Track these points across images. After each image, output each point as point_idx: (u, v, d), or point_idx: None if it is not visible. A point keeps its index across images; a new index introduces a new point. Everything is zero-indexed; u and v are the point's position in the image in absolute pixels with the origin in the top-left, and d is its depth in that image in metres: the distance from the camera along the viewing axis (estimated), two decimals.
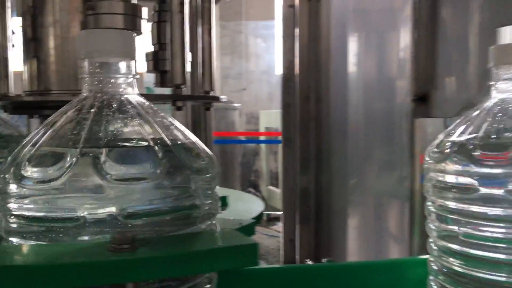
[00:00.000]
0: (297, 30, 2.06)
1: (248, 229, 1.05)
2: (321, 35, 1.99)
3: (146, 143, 0.61)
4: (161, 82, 1.67)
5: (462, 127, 0.75)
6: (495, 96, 0.73)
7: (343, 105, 1.95)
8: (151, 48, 1.66)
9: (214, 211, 0.67)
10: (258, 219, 1.65)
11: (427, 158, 0.79)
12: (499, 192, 0.66)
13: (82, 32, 0.66)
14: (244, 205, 1.87)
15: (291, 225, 2.16)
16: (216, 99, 1.68)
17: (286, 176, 2.21)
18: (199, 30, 1.83)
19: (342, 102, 1.96)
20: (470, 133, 0.73)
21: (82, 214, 0.56)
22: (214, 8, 1.92)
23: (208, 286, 0.67)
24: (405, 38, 1.46)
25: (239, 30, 7.70)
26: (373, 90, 1.73)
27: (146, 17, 1.50)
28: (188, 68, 1.78)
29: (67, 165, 0.56)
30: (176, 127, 0.67)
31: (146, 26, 1.49)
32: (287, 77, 2.16)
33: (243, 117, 7.60)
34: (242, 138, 6.83)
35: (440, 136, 0.75)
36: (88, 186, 0.57)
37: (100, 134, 0.60)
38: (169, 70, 1.46)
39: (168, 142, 0.63)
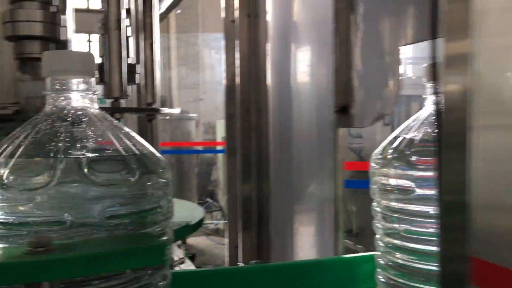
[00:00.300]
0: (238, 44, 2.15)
1: (181, 232, 1.13)
2: (260, 48, 2.09)
3: (119, 153, 0.69)
4: (106, 94, 1.73)
5: (402, 135, 0.84)
6: (429, 107, 0.83)
7: (281, 116, 2.05)
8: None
9: (171, 213, 0.74)
10: (198, 225, 1.73)
11: (372, 164, 0.89)
12: (432, 192, 0.75)
13: (45, 52, 0.72)
14: (186, 213, 1.94)
15: (235, 232, 2.23)
16: (156, 110, 1.75)
17: (230, 185, 2.29)
18: (141, 44, 1.89)
19: (280, 112, 2.06)
20: (407, 141, 0.83)
21: (68, 218, 0.62)
22: (157, 22, 1.99)
23: (163, 282, 0.73)
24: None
25: (195, 42, 7.77)
26: (307, 101, 1.83)
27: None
28: (138, 80, 1.84)
29: (50, 173, 0.62)
30: (135, 138, 0.74)
31: None
32: (230, 88, 2.24)
33: (200, 127, 7.65)
34: (200, 148, 6.88)
35: (384, 143, 0.85)
36: (71, 192, 0.63)
37: (77, 145, 0.67)
38: (108, 83, 1.52)
39: (137, 152, 0.70)
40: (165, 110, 1.76)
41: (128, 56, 1.73)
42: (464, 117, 0.72)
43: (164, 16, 3.36)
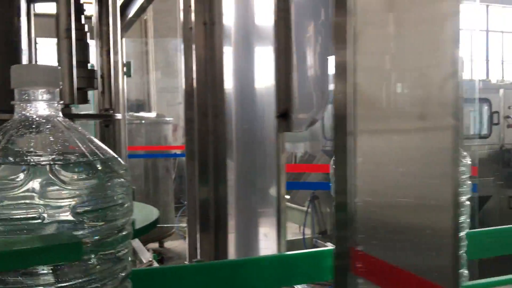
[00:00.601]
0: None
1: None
2: (216, 55, 2.15)
3: (86, 158, 0.78)
4: None
5: None
6: None
7: (243, 119, 2.11)
8: None
9: (131, 209, 0.83)
10: (153, 225, 1.80)
11: (333, 165, 0.97)
12: None
13: (13, 66, 0.80)
14: (143, 214, 2.00)
15: (195, 233, 2.28)
16: (108, 116, 1.79)
17: (190, 188, 2.34)
18: (98, 51, 1.94)
19: (242, 116, 2.12)
20: None
21: (43, 214, 0.70)
22: (116, 29, 2.03)
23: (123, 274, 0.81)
24: None
25: (173, 47, 7.81)
26: (271, 104, 1.89)
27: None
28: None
29: (25, 175, 0.71)
30: (97, 142, 0.83)
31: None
32: (189, 93, 2.29)
33: (179, 131, 7.68)
34: (178, 151, 6.91)
35: None
36: (45, 192, 0.71)
37: (47, 149, 0.75)
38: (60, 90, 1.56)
39: (102, 156, 0.79)
40: (118, 116, 1.80)
41: (87, 62, 1.78)
42: (347, 122, 0.79)
43: (134, 19, 3.41)
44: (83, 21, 1.80)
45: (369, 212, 0.80)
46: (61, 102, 0.80)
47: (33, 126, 0.78)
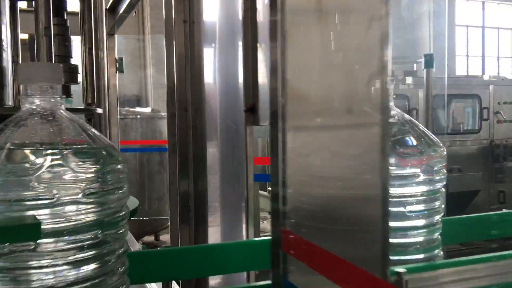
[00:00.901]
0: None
1: None
2: (195, 52, 2.21)
3: (90, 146, 0.88)
4: None
5: None
6: None
7: (227, 114, 2.18)
8: None
9: (128, 193, 0.94)
10: (132, 213, 1.88)
11: None
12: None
13: (20, 64, 0.92)
14: None
15: (176, 225, 2.35)
16: (88, 111, 1.86)
17: (172, 181, 2.40)
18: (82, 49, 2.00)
19: (226, 111, 2.19)
20: None
21: (56, 196, 0.80)
22: (102, 26, 2.09)
23: (123, 268, 0.90)
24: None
25: None
26: (232, 100, 1.95)
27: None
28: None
29: (41, 161, 0.80)
30: (96, 133, 0.92)
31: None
32: (171, 89, 2.35)
33: None
34: None
35: None
36: (57, 176, 0.81)
37: (55, 138, 0.85)
38: None
39: (103, 144, 0.89)
40: (99, 110, 1.87)
41: (69, 57, 1.84)
42: (279, 118, 0.85)
43: (125, 15, 3.47)
44: (65, 16, 1.86)
45: (299, 201, 0.86)
46: (64, 96, 0.89)
47: (40, 117, 0.87)
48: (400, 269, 0.89)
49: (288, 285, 0.83)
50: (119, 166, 0.90)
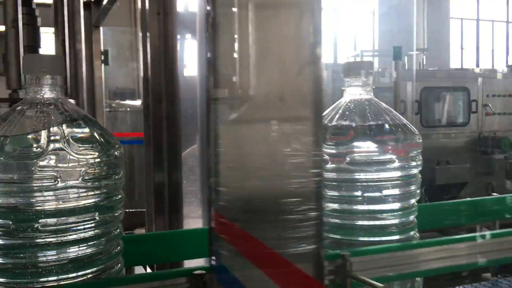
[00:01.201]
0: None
1: None
2: (169, 44, 2.22)
3: (90, 133, 0.93)
4: (6, 86, 1.85)
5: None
6: (346, 97, 1.04)
7: (199, 106, 2.19)
8: None
9: (123, 180, 1.00)
10: None
11: None
12: (341, 164, 0.97)
13: (24, 55, 0.96)
14: None
15: (152, 217, 2.36)
16: None
17: (148, 172, 2.42)
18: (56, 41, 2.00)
19: (199, 102, 2.20)
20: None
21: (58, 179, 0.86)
22: (78, 18, 2.10)
23: (118, 248, 0.97)
24: None
25: None
26: (202, 91, 1.96)
27: None
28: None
29: (45, 145, 0.87)
30: (94, 120, 0.99)
31: None
32: (146, 80, 2.36)
33: None
34: None
35: None
36: (58, 161, 0.87)
37: (57, 125, 0.90)
38: (7, 76, 1.64)
39: (100, 131, 0.94)
40: (71, 101, 1.88)
41: (38, 47, 1.83)
42: (212, 110, 0.86)
43: (109, 7, 3.48)
44: (33, 6, 1.85)
45: (234, 192, 0.87)
46: (65, 86, 0.93)
47: (42, 105, 0.93)
48: (345, 252, 0.91)
49: (220, 268, 0.85)
50: (116, 153, 0.96)
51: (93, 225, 0.91)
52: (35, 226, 0.84)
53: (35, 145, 0.87)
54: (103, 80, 4.10)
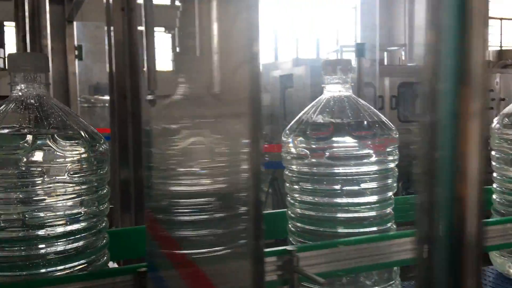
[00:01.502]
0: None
1: None
2: (133, 39, 2.21)
3: (75, 130, 0.95)
4: None
5: (305, 116, 1.05)
6: (326, 94, 1.07)
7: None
8: None
9: (109, 173, 1.01)
10: None
11: (283, 138, 1.08)
12: (321, 159, 1.00)
13: (9, 54, 0.99)
14: None
15: (117, 214, 2.36)
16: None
17: (115, 169, 2.41)
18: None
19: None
20: (306, 120, 1.02)
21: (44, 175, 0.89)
22: (42, 14, 2.08)
23: (104, 242, 0.99)
24: None
25: None
26: None
27: None
28: None
29: (31, 142, 0.89)
30: (79, 118, 1.01)
31: None
32: (111, 76, 2.36)
33: None
34: None
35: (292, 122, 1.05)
36: (44, 157, 0.90)
37: (43, 123, 0.93)
38: None
39: (86, 128, 0.97)
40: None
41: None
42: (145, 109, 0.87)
43: (81, 2, 3.47)
44: None
45: (158, 188, 0.88)
46: (49, 83, 0.98)
47: (27, 103, 0.95)
48: (291, 247, 0.93)
49: (152, 266, 0.86)
50: (101, 148, 0.98)
51: (80, 219, 0.94)
52: (22, 220, 0.88)
53: (21, 142, 0.90)
54: (77, 75, 4.08)
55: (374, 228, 1.05)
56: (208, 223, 0.74)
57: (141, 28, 2.17)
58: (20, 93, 0.97)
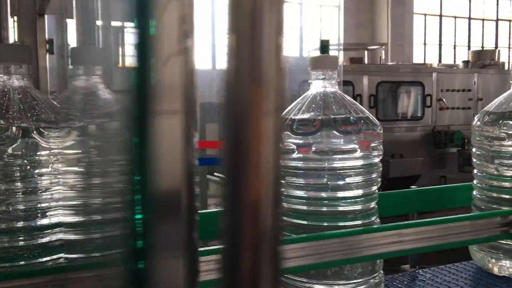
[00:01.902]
0: None
1: None
2: None
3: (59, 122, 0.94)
4: None
5: (291, 112, 1.05)
6: (312, 90, 1.09)
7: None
8: None
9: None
10: None
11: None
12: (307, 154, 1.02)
13: None
14: None
15: None
16: None
17: None
18: None
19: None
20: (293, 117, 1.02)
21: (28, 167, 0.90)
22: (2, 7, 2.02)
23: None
24: None
25: None
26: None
27: None
28: None
29: (16, 133, 0.89)
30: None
31: None
32: None
33: None
34: None
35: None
36: (29, 149, 0.90)
37: (26, 114, 0.92)
38: None
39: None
40: None
41: None
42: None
43: None
44: None
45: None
46: (34, 76, 0.92)
47: (11, 95, 0.95)
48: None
49: None
50: (84, 139, 0.97)
51: (65, 212, 0.94)
52: (6, 211, 0.88)
53: (5, 134, 0.89)
54: (48, 70, 4.01)
55: (359, 222, 1.06)
56: None
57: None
58: (4, 84, 0.97)
